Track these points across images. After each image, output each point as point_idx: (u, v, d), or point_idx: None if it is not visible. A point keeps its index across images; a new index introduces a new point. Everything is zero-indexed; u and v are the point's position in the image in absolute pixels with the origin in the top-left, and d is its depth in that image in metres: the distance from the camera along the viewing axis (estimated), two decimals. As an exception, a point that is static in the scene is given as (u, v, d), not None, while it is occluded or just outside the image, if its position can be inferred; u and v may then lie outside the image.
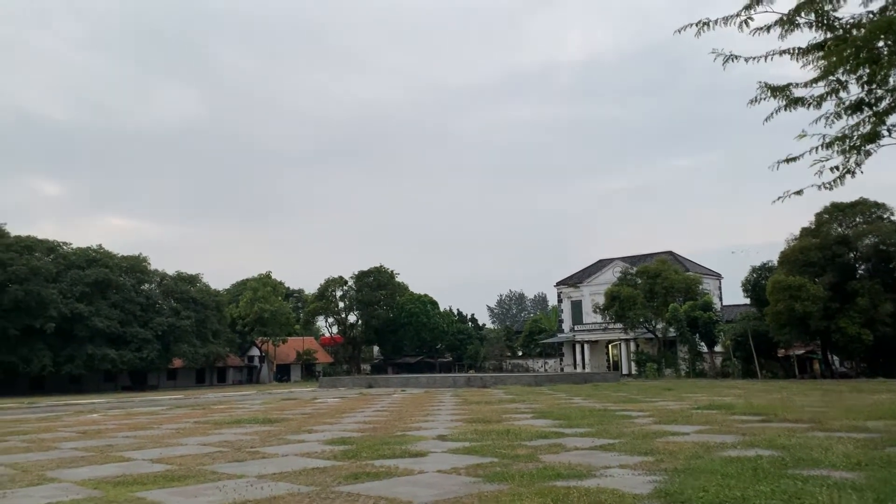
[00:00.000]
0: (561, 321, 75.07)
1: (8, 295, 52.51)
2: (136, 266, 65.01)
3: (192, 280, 69.01)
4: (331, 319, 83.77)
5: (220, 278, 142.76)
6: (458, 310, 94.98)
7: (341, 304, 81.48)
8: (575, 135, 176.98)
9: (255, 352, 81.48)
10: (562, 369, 70.23)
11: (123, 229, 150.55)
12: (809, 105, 10.79)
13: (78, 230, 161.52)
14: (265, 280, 76.84)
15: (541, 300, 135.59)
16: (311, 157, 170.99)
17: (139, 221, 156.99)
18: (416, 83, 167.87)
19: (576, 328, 70.35)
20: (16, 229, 60.48)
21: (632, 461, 9.67)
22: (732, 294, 72.48)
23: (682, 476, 8.28)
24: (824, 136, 10.82)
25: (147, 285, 66.88)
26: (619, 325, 58.95)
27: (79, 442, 14.35)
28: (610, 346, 68.30)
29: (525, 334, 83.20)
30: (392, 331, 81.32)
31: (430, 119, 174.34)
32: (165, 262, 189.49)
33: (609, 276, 65.06)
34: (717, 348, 55.15)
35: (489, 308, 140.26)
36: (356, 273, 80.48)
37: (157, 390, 61.60)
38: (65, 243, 62.68)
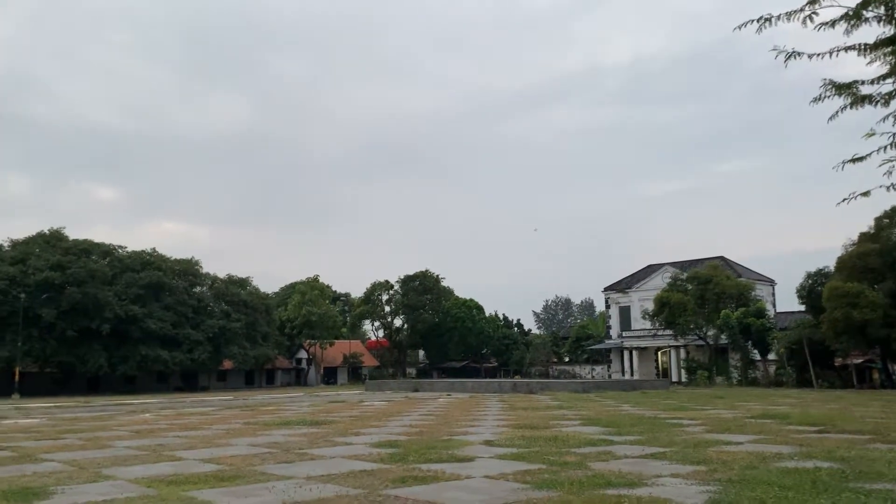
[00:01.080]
0: (609, 327, 74.16)
1: (66, 297, 54.14)
2: (188, 269, 66.40)
3: (243, 283, 70.19)
4: (377, 323, 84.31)
5: (269, 281, 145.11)
6: (503, 315, 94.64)
7: (387, 308, 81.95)
8: (622, 139, 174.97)
9: (302, 354, 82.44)
10: (609, 376, 69.32)
11: (176, 233, 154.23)
12: (877, 103, 10.41)
13: (132, 234, 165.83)
14: (313, 284, 77.74)
15: (588, 306, 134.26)
16: (359, 163, 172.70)
17: (191, 225, 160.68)
18: (462, 89, 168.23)
19: (624, 334, 69.41)
20: (73, 233, 62.34)
21: (684, 470, 9.45)
22: (787, 300, 70.49)
23: (738, 487, 8.05)
24: (894, 134, 10.42)
25: (199, 288, 68.19)
26: (668, 332, 57.95)
27: (132, 441, 14.67)
28: (659, 352, 67.20)
29: (572, 340, 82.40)
30: (437, 335, 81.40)
31: (477, 124, 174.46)
32: (216, 265, 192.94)
33: (658, 282, 64.04)
34: (771, 356, 53.74)
35: (535, 313, 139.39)
36: (402, 277, 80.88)
37: (207, 391, 62.78)
38: (120, 247, 64.38)
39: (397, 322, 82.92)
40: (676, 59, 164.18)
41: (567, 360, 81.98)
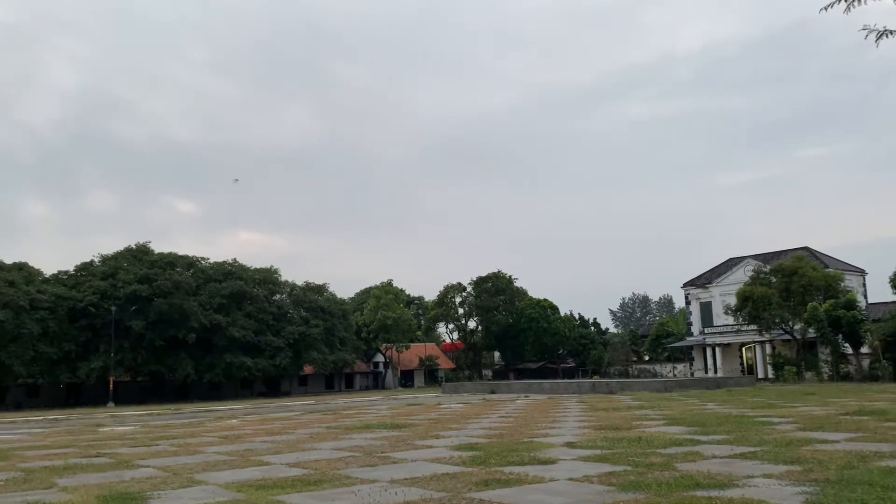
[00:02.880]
0: (689, 324, 72.23)
1: (154, 308, 56.44)
2: (267, 278, 68.24)
3: (320, 290, 71.66)
4: (451, 325, 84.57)
5: (344, 287, 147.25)
6: (579, 314, 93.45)
7: (461, 311, 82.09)
8: (696, 128, 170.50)
9: (379, 358, 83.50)
10: (692, 374, 67.52)
11: (254, 243, 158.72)
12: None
13: (213, 245, 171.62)
14: (387, 288, 78.67)
15: (666, 302, 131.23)
16: (428, 165, 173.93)
17: (268, 235, 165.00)
18: (528, 86, 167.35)
19: (706, 331, 67.52)
20: (158, 247, 65.01)
21: (777, 470, 9.10)
22: (879, 291, 67.28)
23: (836, 487, 7.69)
24: None
25: (278, 296, 70.00)
26: (752, 327, 56.02)
27: (221, 446, 15.13)
28: (743, 348, 65.07)
29: (651, 338, 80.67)
30: (512, 336, 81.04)
31: (545, 121, 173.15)
32: (294, 272, 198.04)
33: (740, 276, 62.02)
34: (864, 349, 51.23)
35: (612, 312, 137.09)
36: (474, 279, 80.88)
37: (289, 396, 64.32)
38: (202, 258, 66.72)
39: (471, 324, 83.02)
40: (750, 44, 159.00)
41: (647, 358, 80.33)
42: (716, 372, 63.38)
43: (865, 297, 64.06)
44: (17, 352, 51.93)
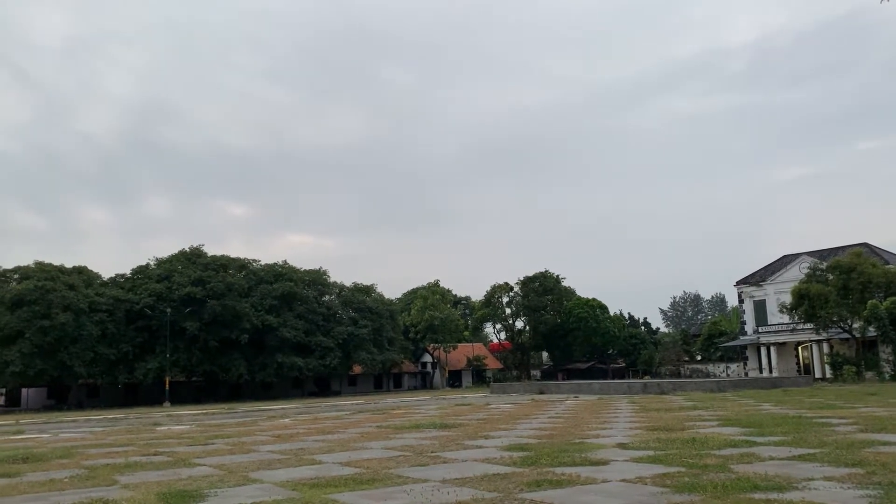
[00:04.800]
0: (743, 323, 70.68)
1: (208, 310, 57.69)
2: (317, 279, 69.13)
3: (368, 290, 72.28)
4: (498, 326, 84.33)
5: (391, 288, 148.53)
6: (628, 314, 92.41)
7: (508, 311, 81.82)
8: (747, 123, 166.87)
9: (427, 358, 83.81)
10: (746, 374, 66.07)
11: (303, 244, 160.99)
12: None
13: (264, 247, 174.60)
14: (434, 288, 78.92)
15: (719, 301, 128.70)
16: (473, 165, 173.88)
17: (316, 237, 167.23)
18: (575, 83, 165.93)
19: (760, 330, 65.96)
20: (211, 249, 66.49)
21: (838, 473, 8.84)
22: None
23: (902, 491, 7.43)
24: None
25: (327, 297, 70.86)
26: (809, 326, 54.52)
27: (274, 445, 15.38)
28: (800, 347, 63.38)
29: (703, 337, 79.18)
30: (560, 336, 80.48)
31: (591, 118, 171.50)
32: (342, 273, 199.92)
33: (795, 273, 60.45)
34: (929, 349, 49.43)
35: (662, 311, 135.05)
36: (521, 279, 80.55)
37: (339, 396, 65.03)
38: (254, 260, 67.97)
39: (519, 324, 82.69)
40: (802, 35, 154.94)
41: (699, 358, 78.89)
42: (771, 372, 61.90)
43: (929, 294, 61.74)
44: (77, 353, 53.65)
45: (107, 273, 63.34)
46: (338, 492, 8.63)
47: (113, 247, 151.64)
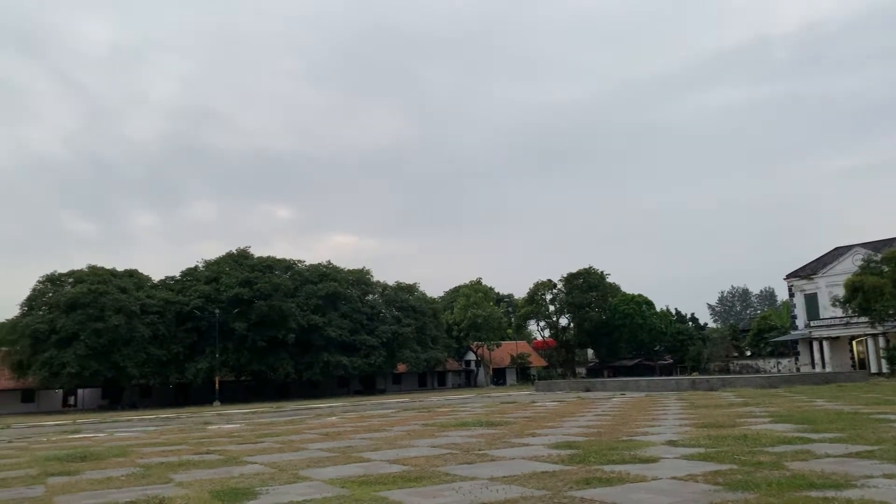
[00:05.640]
0: (794, 317, 69.04)
1: (255, 310, 58.63)
2: (360, 279, 69.72)
3: (411, 289, 72.60)
4: (542, 323, 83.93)
5: (433, 286, 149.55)
6: (675, 309, 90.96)
7: (552, 308, 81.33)
8: (795, 112, 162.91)
9: (471, 356, 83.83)
10: (798, 369, 64.57)
11: (346, 245, 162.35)
12: None
13: (308, 248, 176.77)
14: (476, 286, 78.85)
15: (768, 295, 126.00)
16: (514, 163, 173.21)
17: (359, 237, 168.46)
18: (617, 79, 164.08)
19: (811, 324, 64.39)
20: (257, 251, 67.50)
21: (899, 471, 8.57)
22: None
23: (968, 490, 7.18)
24: None
25: (371, 296, 71.41)
26: (863, 319, 53.02)
27: (323, 443, 15.55)
28: (854, 342, 61.69)
29: (753, 332, 77.59)
30: (606, 333, 79.70)
31: (633, 112, 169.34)
32: (385, 273, 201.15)
33: (848, 265, 58.84)
34: None
35: (710, 306, 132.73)
36: (565, 276, 79.97)
37: (384, 394, 65.49)
38: (299, 261, 68.85)
39: (563, 321, 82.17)
40: (852, 21, 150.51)
41: (749, 353, 77.36)
42: (823, 367, 60.38)
43: None
44: (130, 354, 55.04)
45: (157, 276, 64.89)
46: (387, 489, 8.68)
47: (162, 250, 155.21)
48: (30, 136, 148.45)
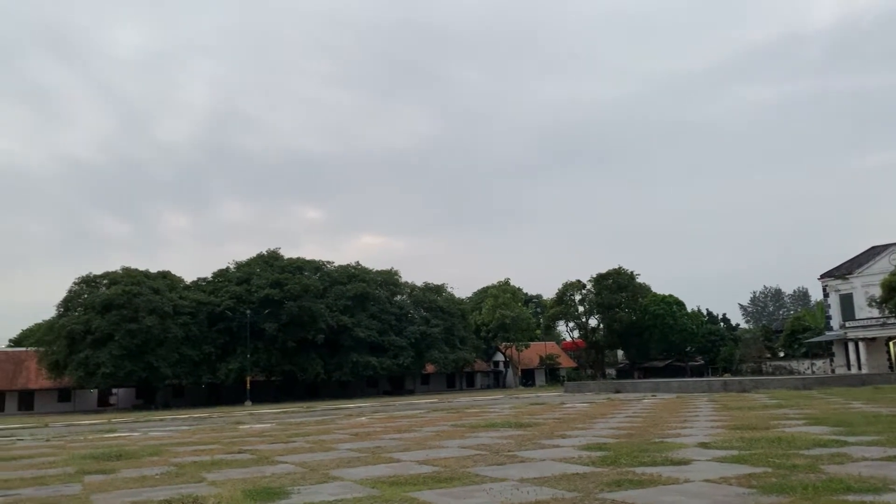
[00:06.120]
0: (828, 317, 67.78)
1: (285, 311, 59.14)
2: (389, 279, 69.98)
3: (439, 290, 72.68)
4: (571, 324, 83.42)
5: (461, 287, 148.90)
6: (706, 310, 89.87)
7: (581, 308, 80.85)
8: (828, 110, 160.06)
9: (499, 357, 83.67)
10: (832, 371, 63.42)
11: (374, 246, 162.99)
12: None
13: (337, 249, 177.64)
14: (504, 287, 78.65)
15: (801, 295, 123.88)
16: (542, 162, 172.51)
17: (388, 238, 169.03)
18: (648, 76, 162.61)
19: (847, 324, 63.17)
20: (287, 252, 68.11)
21: (940, 475, 8.38)
22: None
23: None
24: None
25: (399, 297, 71.64)
26: (901, 320, 51.98)
27: (353, 443, 15.63)
28: (891, 343, 60.40)
29: (786, 333, 76.34)
30: (636, 334, 79.01)
31: (662, 110, 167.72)
32: (413, 273, 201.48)
33: (885, 265, 57.68)
34: None
35: (742, 306, 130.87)
36: (594, 276, 79.45)
37: (413, 394, 65.64)
38: (328, 262, 69.30)
39: (592, 322, 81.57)
40: (887, 16, 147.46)
41: (782, 355, 76.14)
42: (859, 368, 59.21)
43: None
44: (163, 355, 55.85)
45: (189, 277, 65.76)
46: (417, 490, 8.70)
47: (194, 251, 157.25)
48: (65, 141, 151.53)
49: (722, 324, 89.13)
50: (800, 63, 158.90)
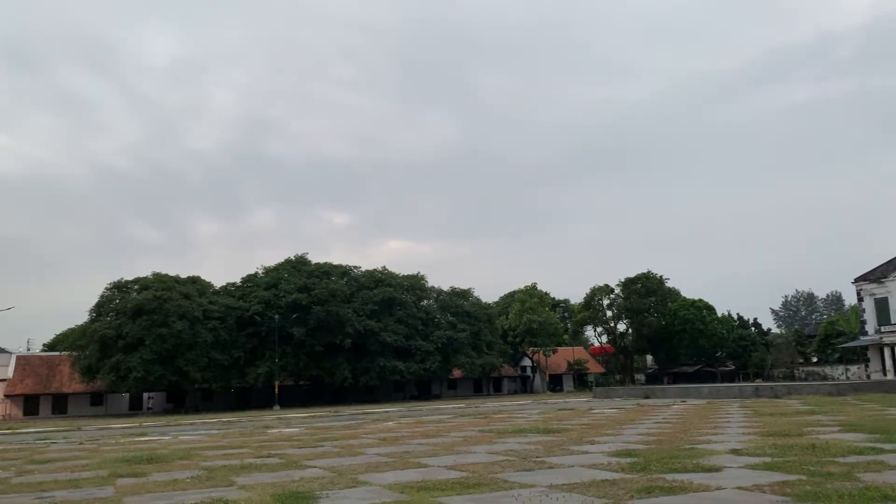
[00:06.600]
0: (863, 322, 66.44)
1: (313, 315, 59.47)
2: (415, 284, 70.03)
3: (465, 294, 72.57)
4: (599, 329, 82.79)
5: (488, 291, 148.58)
6: (737, 314, 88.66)
7: (609, 313, 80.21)
8: (861, 110, 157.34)
9: (526, 362, 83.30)
10: (868, 376, 62.13)
11: (401, 250, 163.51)
12: None
13: (363, 254, 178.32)
14: (531, 291, 78.25)
15: (835, 299, 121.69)
16: (568, 166, 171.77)
17: (414, 242, 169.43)
18: (676, 79, 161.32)
19: (882, 329, 61.86)
20: (315, 257, 68.46)
21: (982, 485, 8.15)
22: None
23: None
24: None
25: (426, 301, 71.61)
26: (938, 325, 50.73)
27: (380, 448, 15.66)
28: (928, 348, 59.04)
29: (819, 338, 75.03)
30: (665, 339, 78.15)
31: (690, 113, 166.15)
32: (439, 278, 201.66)
33: (921, 268, 56.42)
34: None
35: (773, 311, 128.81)
36: (622, 280, 78.79)
37: (439, 399, 65.57)
38: (355, 267, 69.58)
39: (621, 327, 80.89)
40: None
41: (815, 360, 74.87)
42: (896, 374, 57.99)
43: None
44: (193, 359, 56.46)
45: (218, 282, 66.41)
46: (445, 495, 8.68)
47: (223, 256, 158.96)
48: (98, 148, 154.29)
49: (753, 328, 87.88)
50: (832, 62, 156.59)
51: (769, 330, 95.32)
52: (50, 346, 78.10)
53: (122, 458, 15.32)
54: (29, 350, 73.78)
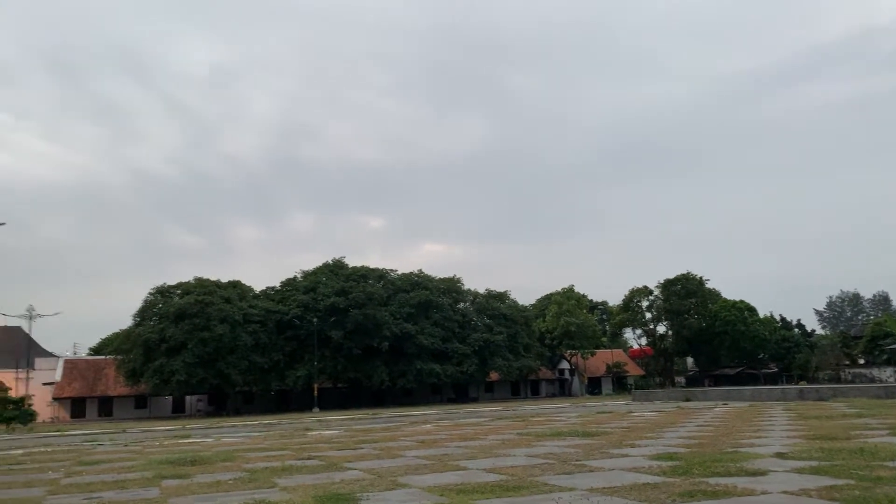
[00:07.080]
0: (911, 323, 64.74)
1: (350, 319, 59.93)
2: (451, 287, 70.06)
3: (501, 297, 72.39)
4: (638, 331, 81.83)
5: (524, 294, 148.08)
6: (780, 316, 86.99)
7: (648, 315, 79.27)
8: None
9: (564, 365, 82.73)
10: (917, 379, 60.45)
11: (436, 253, 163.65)
12: None
13: (399, 257, 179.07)
14: (569, 293, 77.74)
15: (881, 300, 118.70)
16: (603, 166, 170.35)
17: (449, 245, 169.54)
18: (711, 78, 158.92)
19: (931, 330, 60.16)
20: (352, 261, 69.03)
21: None
22: None
23: None
24: None
25: (462, 304, 71.60)
26: None
27: (419, 451, 15.70)
28: (980, 350, 57.26)
29: (866, 339, 73.19)
30: (706, 341, 76.94)
31: (727, 111, 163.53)
32: (475, 280, 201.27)
33: (972, 267, 54.73)
34: None
35: (817, 312, 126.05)
36: (661, 282, 77.84)
37: (477, 402, 65.49)
38: (391, 270, 69.89)
39: (660, 329, 79.82)
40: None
41: (861, 362, 73.02)
42: (948, 376, 56.29)
43: None
44: (234, 362, 57.28)
45: (258, 286, 67.23)
46: (485, 498, 8.67)
47: (262, 261, 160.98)
48: (138, 155, 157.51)
49: (796, 330, 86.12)
50: (871, 59, 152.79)
51: (813, 331, 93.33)
52: (96, 350, 79.88)
53: (167, 459, 15.60)
54: (76, 354, 75.58)
